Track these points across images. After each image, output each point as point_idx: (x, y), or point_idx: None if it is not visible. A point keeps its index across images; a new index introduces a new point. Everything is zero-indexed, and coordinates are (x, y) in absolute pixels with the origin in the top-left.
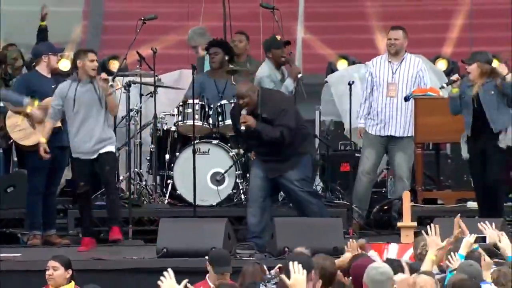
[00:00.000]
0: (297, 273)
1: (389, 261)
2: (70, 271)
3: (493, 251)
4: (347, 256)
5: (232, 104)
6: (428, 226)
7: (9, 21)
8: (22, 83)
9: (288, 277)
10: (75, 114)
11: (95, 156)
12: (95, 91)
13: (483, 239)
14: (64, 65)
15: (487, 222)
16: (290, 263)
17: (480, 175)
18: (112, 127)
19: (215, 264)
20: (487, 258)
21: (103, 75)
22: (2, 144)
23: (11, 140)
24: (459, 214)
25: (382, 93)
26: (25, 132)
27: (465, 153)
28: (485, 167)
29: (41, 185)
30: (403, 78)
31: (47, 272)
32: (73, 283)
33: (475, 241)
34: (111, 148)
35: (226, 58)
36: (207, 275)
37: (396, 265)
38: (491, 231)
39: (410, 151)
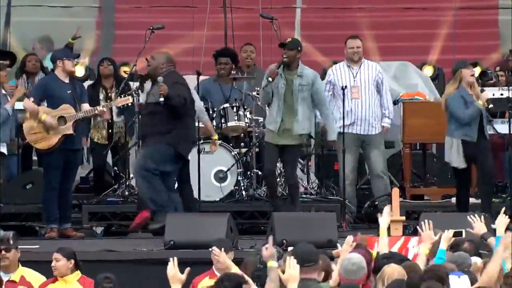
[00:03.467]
0: (292, 269)
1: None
2: (72, 261)
3: (480, 243)
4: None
5: (234, 108)
6: (422, 222)
7: (25, 32)
8: (40, 87)
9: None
10: None
11: None
12: None
13: (460, 233)
14: (79, 71)
15: (476, 215)
16: (287, 258)
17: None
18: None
19: (214, 244)
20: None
21: None
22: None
23: (26, 141)
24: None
25: (347, 96)
26: (39, 136)
27: (460, 163)
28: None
29: (56, 182)
30: (364, 80)
31: (52, 264)
32: (78, 272)
33: (454, 235)
34: None
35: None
36: (213, 265)
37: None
38: (478, 224)
39: (382, 147)
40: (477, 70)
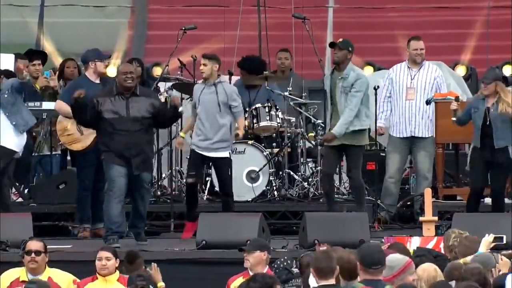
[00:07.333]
0: None
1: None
2: (118, 261)
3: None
4: None
5: (266, 108)
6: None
7: (58, 32)
8: (71, 87)
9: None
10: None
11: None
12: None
13: (501, 238)
14: (111, 71)
15: None
16: None
17: (482, 181)
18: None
19: (248, 245)
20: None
21: None
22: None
23: (60, 142)
24: None
25: (401, 97)
26: (73, 137)
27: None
28: (489, 176)
29: (89, 182)
30: (421, 83)
31: (100, 263)
32: (117, 272)
33: (493, 241)
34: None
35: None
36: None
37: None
38: None
39: (431, 149)
40: (509, 70)
